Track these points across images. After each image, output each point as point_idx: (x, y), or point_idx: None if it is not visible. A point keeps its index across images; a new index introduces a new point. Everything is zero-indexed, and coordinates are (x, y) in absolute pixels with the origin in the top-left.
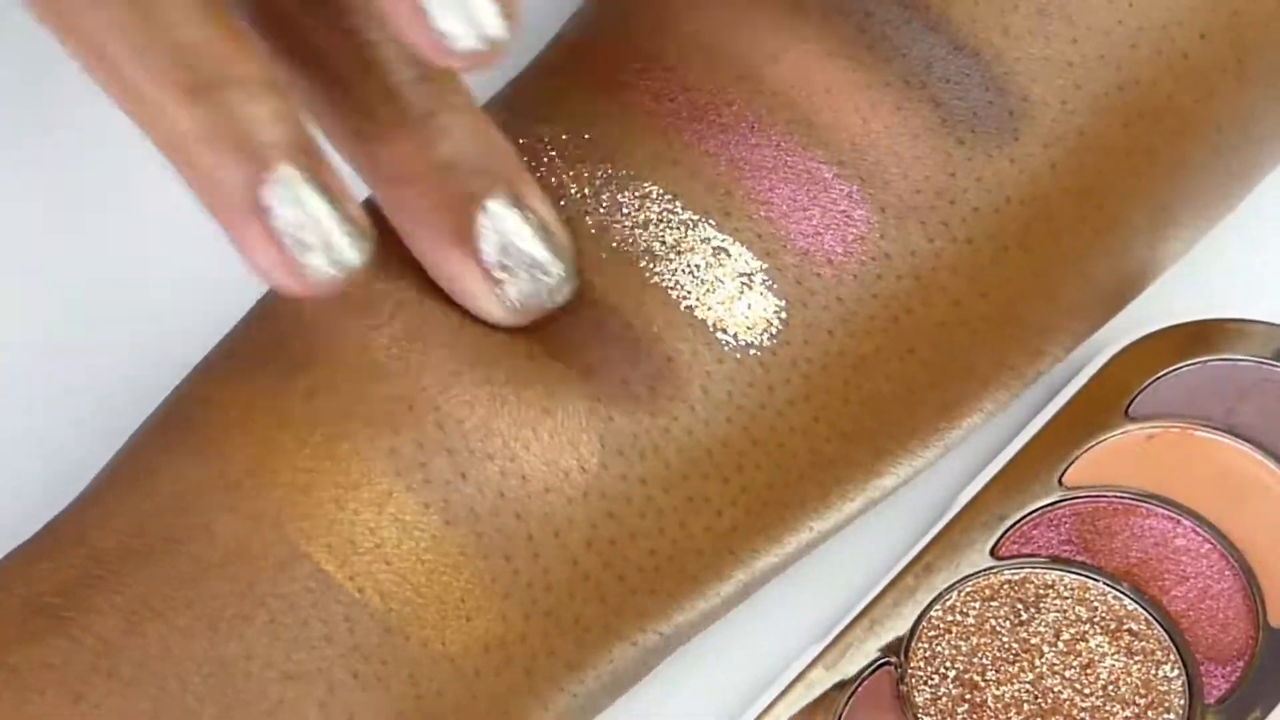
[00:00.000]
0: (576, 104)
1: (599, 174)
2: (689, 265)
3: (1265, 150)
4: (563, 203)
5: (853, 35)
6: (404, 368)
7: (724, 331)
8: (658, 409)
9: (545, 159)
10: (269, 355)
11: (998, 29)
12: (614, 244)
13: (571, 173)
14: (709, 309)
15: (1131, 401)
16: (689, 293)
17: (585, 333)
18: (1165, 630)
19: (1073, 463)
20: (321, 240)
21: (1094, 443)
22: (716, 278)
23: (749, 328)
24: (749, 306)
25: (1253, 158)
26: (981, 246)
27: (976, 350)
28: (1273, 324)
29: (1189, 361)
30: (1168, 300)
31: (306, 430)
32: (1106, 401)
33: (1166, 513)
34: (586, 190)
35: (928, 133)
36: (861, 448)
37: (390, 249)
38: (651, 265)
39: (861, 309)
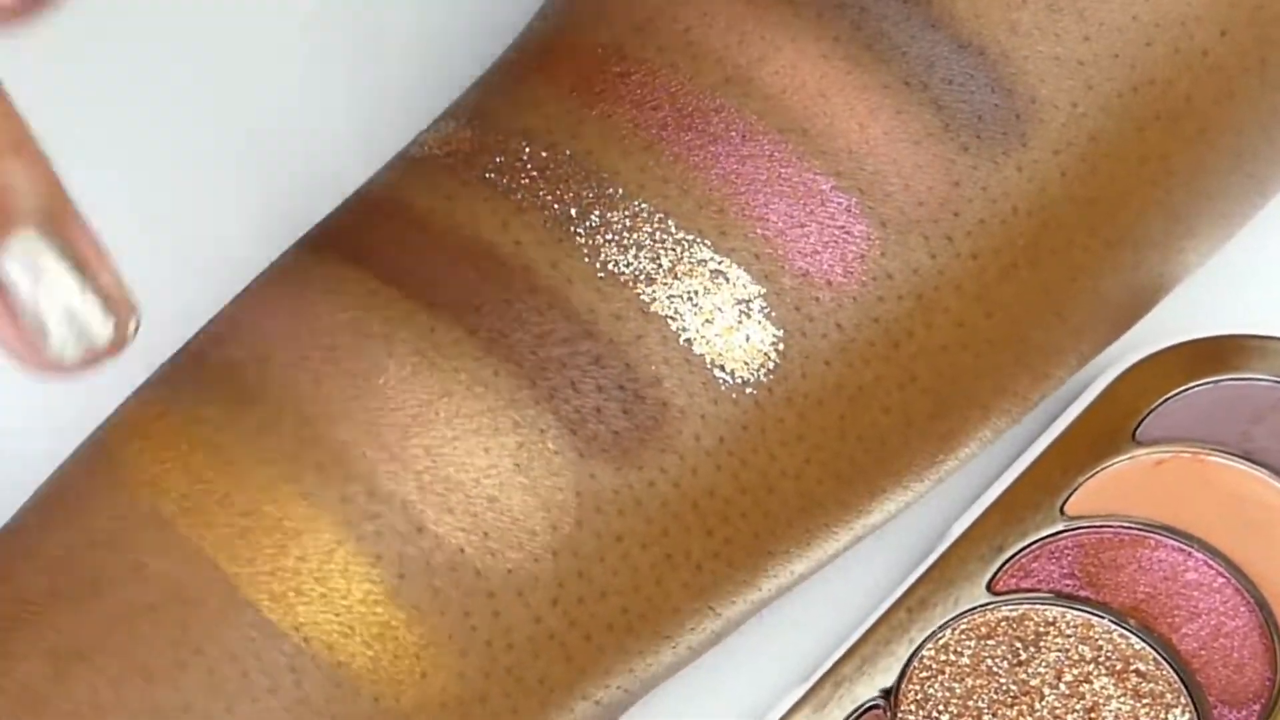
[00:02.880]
0: (555, 114)
1: (585, 193)
2: (687, 291)
3: None
4: (548, 224)
5: (848, 33)
6: (361, 408)
7: (721, 369)
8: (645, 461)
9: (526, 179)
10: (217, 385)
11: (1004, 25)
12: (610, 267)
13: (556, 192)
14: (707, 342)
15: (1139, 424)
16: (687, 325)
17: (581, 370)
18: (1175, 671)
19: (1075, 490)
20: (65, 316)
21: (1098, 469)
22: (715, 306)
23: (746, 363)
24: (747, 339)
25: (1275, 163)
26: (987, 263)
27: (979, 375)
28: None
29: (1201, 381)
30: (1178, 315)
31: (249, 469)
32: (1112, 424)
33: (1176, 544)
34: (574, 211)
35: (929, 139)
36: (855, 487)
37: (355, 282)
38: (650, 290)
39: (861, 335)
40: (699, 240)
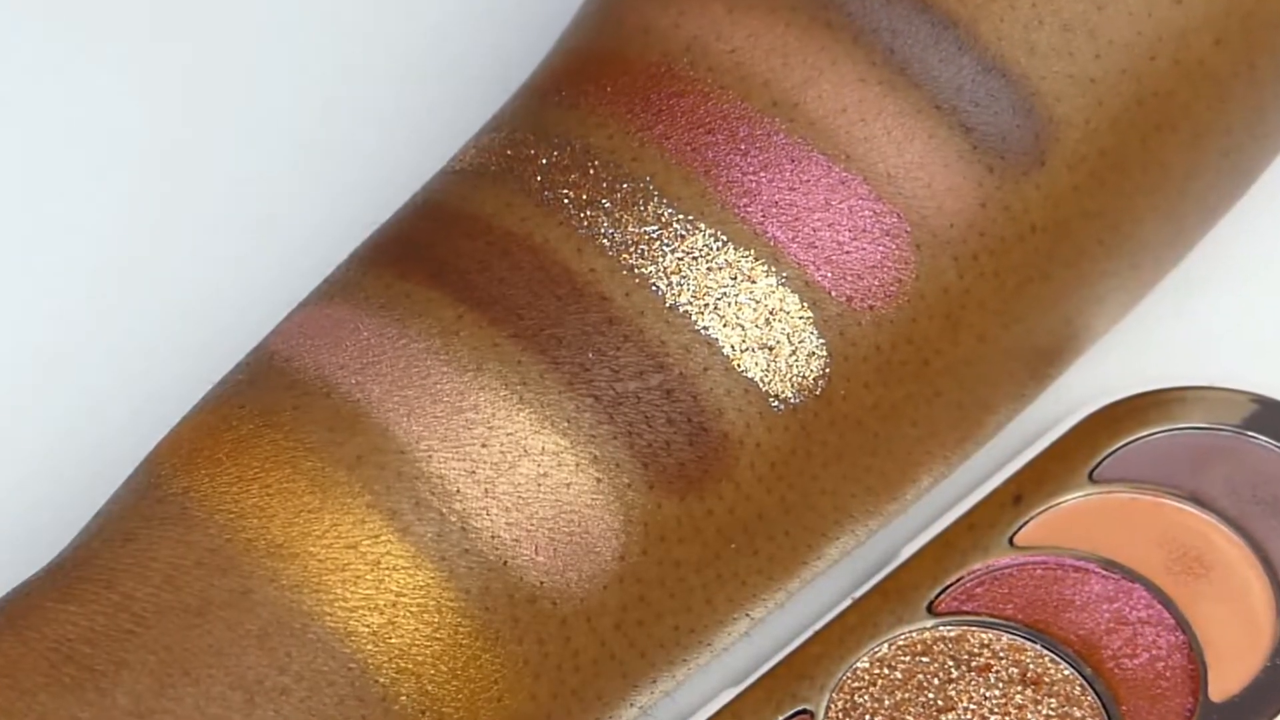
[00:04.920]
0: (616, 133)
1: (651, 221)
2: (747, 321)
3: (1269, 145)
4: (617, 252)
5: (883, 57)
6: (455, 442)
7: (776, 397)
8: (706, 491)
9: (594, 203)
10: (314, 410)
11: (1024, 46)
12: (677, 297)
13: (623, 219)
14: (764, 371)
15: (1097, 466)
16: (743, 354)
17: (654, 404)
18: (1100, 698)
19: (1027, 523)
20: None
21: (1052, 504)
22: (772, 335)
23: (798, 389)
24: (798, 365)
25: (1257, 155)
26: (1007, 279)
27: (995, 384)
28: (1241, 391)
29: (1158, 429)
30: (1138, 367)
31: (349, 501)
32: (1070, 463)
33: (1119, 579)
34: (642, 240)
35: (960, 161)
36: (880, 496)
37: (442, 306)
38: (713, 320)
39: (896, 355)
40: (756, 269)
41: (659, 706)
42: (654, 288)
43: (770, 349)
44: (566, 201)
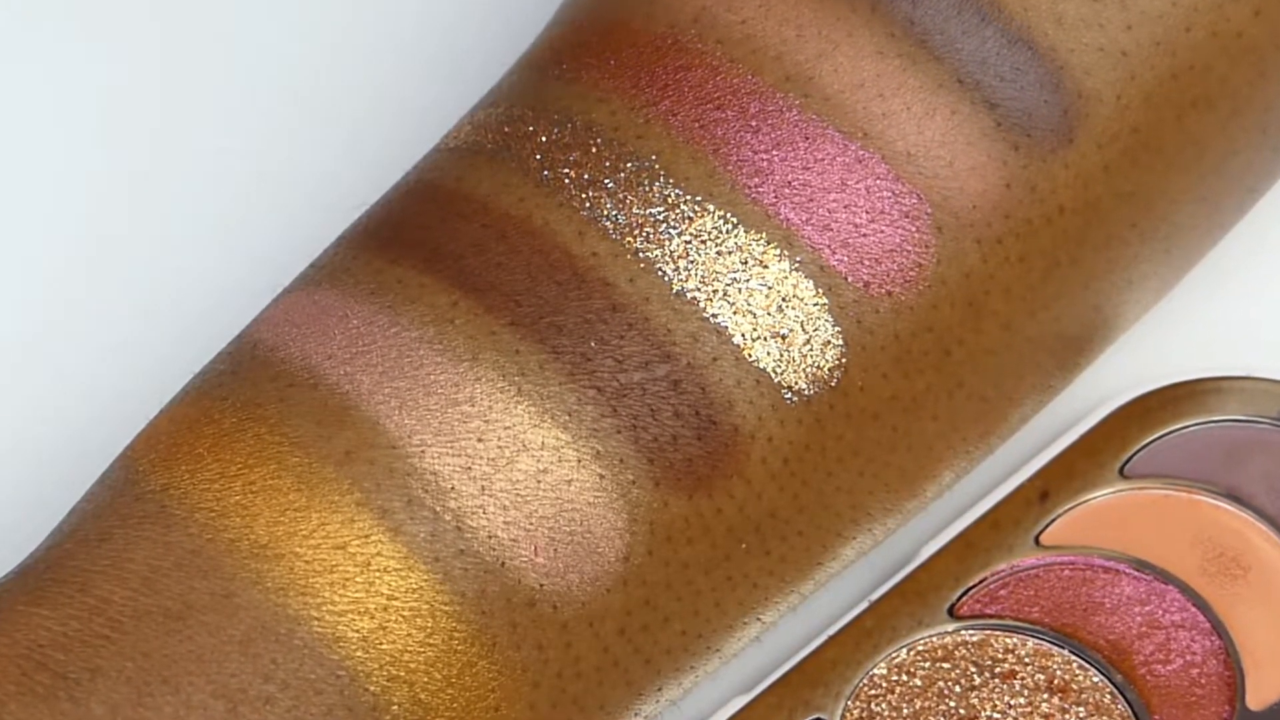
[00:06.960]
0: (620, 109)
1: (657, 202)
2: (758, 308)
3: None
4: (620, 234)
5: (903, 29)
6: (449, 436)
7: (789, 388)
8: (715, 489)
9: (596, 183)
10: (301, 402)
11: (1051, 17)
12: (684, 283)
13: (626, 201)
14: (776, 361)
15: (1128, 461)
16: (755, 343)
17: (659, 396)
18: (1131, 707)
19: (1054, 521)
20: None
21: (1080, 501)
22: (784, 323)
23: (812, 380)
24: (813, 355)
25: None
26: (1034, 264)
27: (1020, 376)
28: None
29: (1192, 421)
30: (1171, 356)
31: (338, 499)
32: (1099, 458)
33: (1151, 580)
34: (647, 222)
35: (983, 139)
36: (899, 494)
37: (435, 292)
38: (723, 307)
39: (916, 344)
40: (768, 253)
41: (665, 715)
42: (660, 272)
43: (783, 338)
44: (567, 181)
